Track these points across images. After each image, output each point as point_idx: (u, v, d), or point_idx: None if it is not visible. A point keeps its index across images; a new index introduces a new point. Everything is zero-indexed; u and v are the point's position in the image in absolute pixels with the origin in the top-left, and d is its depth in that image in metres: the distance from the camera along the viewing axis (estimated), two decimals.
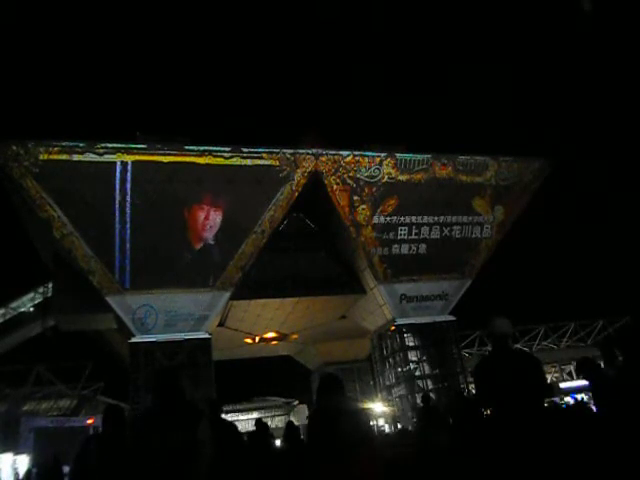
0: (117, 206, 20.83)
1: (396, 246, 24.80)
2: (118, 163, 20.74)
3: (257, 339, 29.99)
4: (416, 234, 24.98)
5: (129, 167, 20.79)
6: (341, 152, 23.88)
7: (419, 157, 24.82)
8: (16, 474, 19.70)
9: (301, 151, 23.26)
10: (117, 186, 20.76)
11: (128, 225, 21.01)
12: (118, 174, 20.72)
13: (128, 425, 4.73)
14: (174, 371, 4.12)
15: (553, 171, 27.50)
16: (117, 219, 20.92)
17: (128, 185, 20.83)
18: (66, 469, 9.30)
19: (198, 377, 21.82)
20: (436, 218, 25.24)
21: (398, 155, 24.51)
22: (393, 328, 25.85)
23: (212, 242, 22.22)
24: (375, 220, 24.26)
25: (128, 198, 20.91)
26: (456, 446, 6.17)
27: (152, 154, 21.28)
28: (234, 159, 22.08)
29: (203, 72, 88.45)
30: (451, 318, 25.90)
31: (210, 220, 22.10)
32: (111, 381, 30.46)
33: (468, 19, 77.08)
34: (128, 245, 21.07)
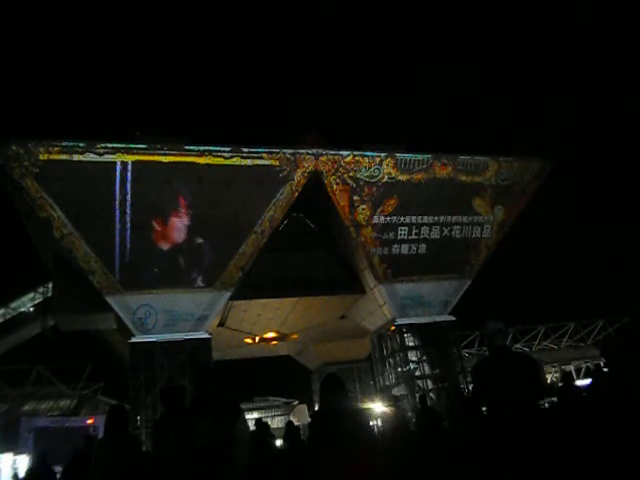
0: (117, 206, 20.84)
1: (396, 246, 24.80)
2: (118, 163, 20.74)
3: (257, 339, 29.98)
4: (416, 234, 24.97)
5: (129, 167, 20.79)
6: (341, 152, 23.86)
7: (419, 157, 24.80)
8: (15, 474, 19.68)
9: (301, 151, 23.24)
10: (117, 186, 20.76)
11: (128, 225, 21.02)
12: (118, 174, 20.71)
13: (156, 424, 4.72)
14: (214, 369, 4.17)
15: (553, 171, 27.50)
16: (117, 219, 20.92)
17: (128, 185, 20.83)
18: (58, 468, 9.24)
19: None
20: (436, 218, 25.23)
21: (398, 155, 24.48)
22: (393, 328, 25.84)
23: (212, 242, 22.22)
24: (375, 220, 24.25)
25: (128, 198, 20.91)
26: (455, 446, 6.18)
27: (152, 154, 21.27)
28: (234, 159, 22.06)
29: (203, 72, 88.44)
30: (451, 318, 25.88)
31: (210, 220, 22.09)
32: (111, 381, 30.46)
33: (467, 18, 77.05)
34: (128, 245, 21.09)
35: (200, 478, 3.26)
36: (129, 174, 20.82)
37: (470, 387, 23.29)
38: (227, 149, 22.07)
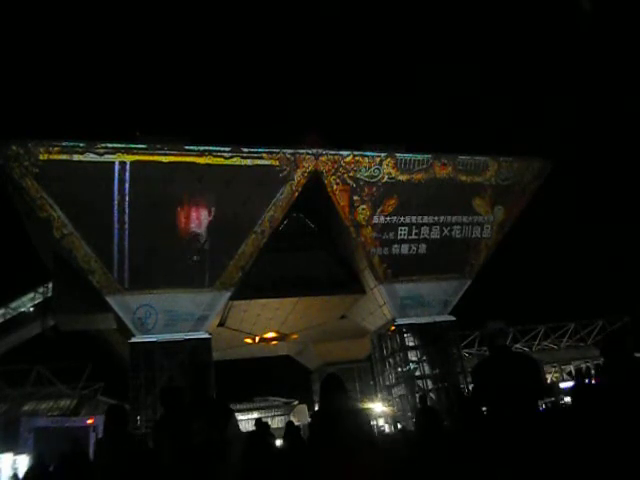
0: (117, 206, 20.83)
1: (396, 246, 24.81)
2: (117, 163, 20.73)
3: (257, 339, 30.00)
4: (416, 234, 24.98)
5: (127, 167, 20.79)
6: (341, 152, 23.88)
7: (419, 157, 24.81)
8: (15, 474, 19.69)
9: (301, 151, 23.26)
10: (116, 186, 20.76)
11: (127, 225, 21.01)
12: (116, 174, 20.70)
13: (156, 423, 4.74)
14: (205, 369, 4.19)
15: (553, 171, 27.51)
16: (117, 219, 20.92)
17: (127, 185, 20.82)
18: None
19: None
20: (436, 218, 25.24)
21: (398, 155, 24.50)
22: (393, 328, 25.85)
23: (212, 242, 22.22)
24: (375, 220, 24.26)
25: (127, 198, 20.90)
26: (454, 446, 6.16)
27: (152, 154, 21.28)
28: (234, 159, 22.08)
29: (203, 72, 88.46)
30: (451, 318, 25.89)
31: (211, 220, 22.10)
32: (111, 381, 30.44)
33: (467, 18, 77.09)
34: (128, 245, 21.08)
35: (195, 477, 3.27)
36: (128, 174, 20.83)
37: (470, 387, 23.31)
38: (227, 149, 22.08)
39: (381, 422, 27.30)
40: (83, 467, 7.21)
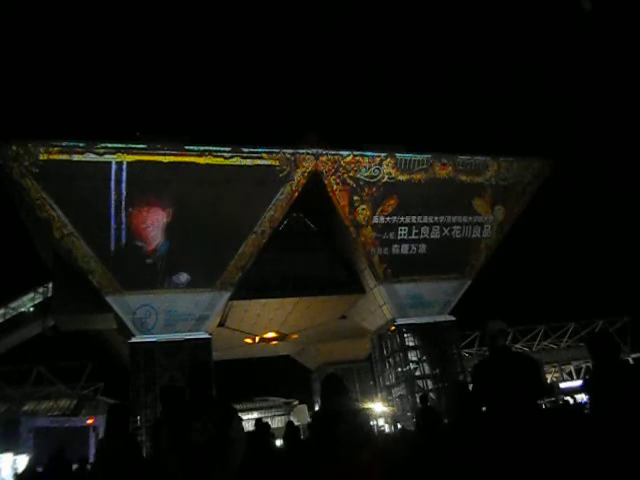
0: (117, 205, 20.80)
1: (396, 246, 24.80)
2: (116, 163, 20.69)
3: (257, 339, 30.00)
4: (416, 234, 24.97)
5: (127, 167, 20.77)
6: (341, 152, 23.87)
7: (419, 157, 24.81)
8: (16, 474, 19.68)
9: (301, 151, 23.24)
10: (115, 185, 20.74)
11: (128, 225, 20.98)
12: (113, 174, 20.66)
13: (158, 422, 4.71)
14: (207, 367, 4.17)
15: (553, 171, 27.49)
16: (117, 219, 20.89)
17: (126, 185, 20.79)
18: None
19: None
20: (436, 218, 25.23)
21: (398, 155, 24.49)
22: (393, 328, 25.83)
23: (212, 242, 22.19)
24: (375, 220, 24.25)
25: (128, 197, 20.87)
26: (454, 446, 6.16)
27: (152, 154, 21.27)
28: (234, 159, 22.06)
29: (203, 72, 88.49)
30: (451, 318, 25.87)
31: (210, 220, 22.07)
32: (111, 381, 30.47)
33: (468, 18, 77.08)
34: (128, 245, 21.05)
35: (196, 477, 3.27)
36: (124, 174, 20.80)
37: (470, 387, 23.26)
38: (227, 149, 22.06)
39: (381, 422, 27.29)
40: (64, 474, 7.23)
